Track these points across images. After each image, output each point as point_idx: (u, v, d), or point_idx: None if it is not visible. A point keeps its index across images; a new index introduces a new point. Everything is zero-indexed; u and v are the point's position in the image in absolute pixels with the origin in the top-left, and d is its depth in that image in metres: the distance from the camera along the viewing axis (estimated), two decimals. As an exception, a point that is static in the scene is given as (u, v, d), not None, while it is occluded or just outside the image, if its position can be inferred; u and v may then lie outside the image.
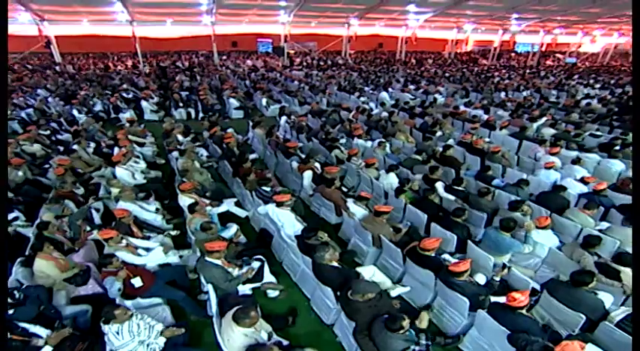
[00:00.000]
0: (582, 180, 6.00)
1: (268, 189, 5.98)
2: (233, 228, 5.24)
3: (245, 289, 4.23)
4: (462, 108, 11.71)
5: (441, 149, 7.75)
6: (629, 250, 4.49)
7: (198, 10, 20.39)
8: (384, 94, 14.56)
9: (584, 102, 13.12)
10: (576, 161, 6.69)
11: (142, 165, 7.32)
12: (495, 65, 28.42)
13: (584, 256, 4.18)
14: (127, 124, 9.51)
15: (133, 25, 21.32)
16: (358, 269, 4.29)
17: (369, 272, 4.31)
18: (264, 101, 13.81)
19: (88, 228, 4.94)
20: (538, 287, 4.07)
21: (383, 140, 8.24)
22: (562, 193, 5.48)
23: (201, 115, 12.36)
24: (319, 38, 29.65)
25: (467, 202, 5.64)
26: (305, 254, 4.39)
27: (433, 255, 4.24)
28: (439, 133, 9.20)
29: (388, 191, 6.28)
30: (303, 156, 7.56)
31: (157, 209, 5.77)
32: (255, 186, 6.09)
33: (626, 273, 3.93)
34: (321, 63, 25.14)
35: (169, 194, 6.43)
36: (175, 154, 7.53)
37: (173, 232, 5.33)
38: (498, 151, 7.41)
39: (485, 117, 10.76)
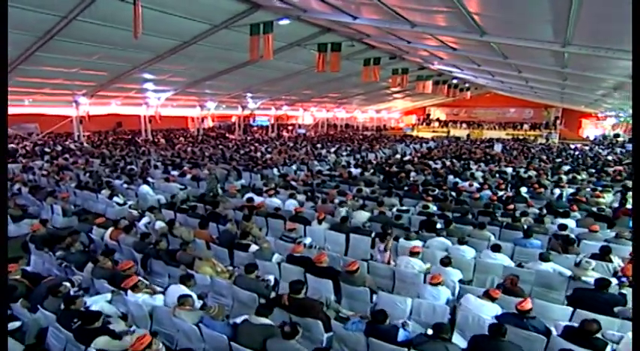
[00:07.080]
0: (488, 294, 4.45)
1: None
2: None
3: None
4: (258, 200, 9.33)
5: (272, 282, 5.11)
6: None
7: None
8: (144, 188, 10.48)
9: (354, 171, 13.44)
10: (447, 263, 5.30)
11: None
12: (245, 138, 28.64)
13: None
14: None
15: None
16: None
17: None
18: None
19: None
20: None
21: (184, 293, 4.63)
22: (501, 335, 3.70)
23: None
24: (42, 119, 23.10)
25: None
26: None
27: None
28: (255, 247, 6.39)
29: None
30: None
31: None
32: None
33: None
34: (47, 150, 18.12)
35: None
36: None
37: None
38: (356, 269, 5.21)
39: (291, 205, 8.88)
